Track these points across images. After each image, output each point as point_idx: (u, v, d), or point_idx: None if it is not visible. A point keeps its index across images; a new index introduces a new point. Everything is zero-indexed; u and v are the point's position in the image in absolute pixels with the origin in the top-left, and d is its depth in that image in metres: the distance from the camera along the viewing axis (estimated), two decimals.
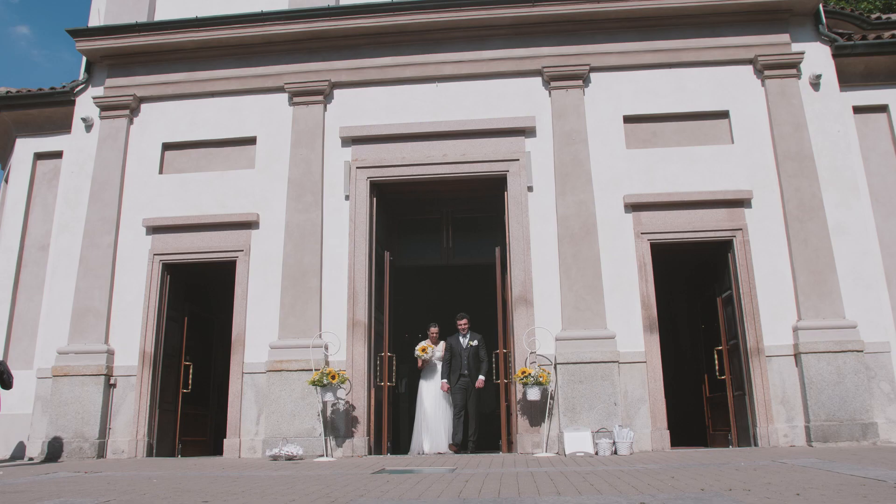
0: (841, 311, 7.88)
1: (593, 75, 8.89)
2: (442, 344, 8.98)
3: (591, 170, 8.55)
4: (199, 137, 9.27)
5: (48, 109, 9.92)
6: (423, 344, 8.95)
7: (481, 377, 8.71)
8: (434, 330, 9.08)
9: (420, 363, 8.98)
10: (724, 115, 8.71)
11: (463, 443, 8.67)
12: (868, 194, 8.75)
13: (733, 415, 8.39)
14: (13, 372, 8.27)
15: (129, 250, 8.91)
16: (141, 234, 8.95)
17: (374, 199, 8.89)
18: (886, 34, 9.08)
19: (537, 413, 7.93)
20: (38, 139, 10.13)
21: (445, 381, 8.70)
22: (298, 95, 9.12)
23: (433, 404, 8.75)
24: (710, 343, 9.05)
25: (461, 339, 8.86)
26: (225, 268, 8.98)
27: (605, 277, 8.20)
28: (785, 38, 8.76)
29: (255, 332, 8.48)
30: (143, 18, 9.63)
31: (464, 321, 8.90)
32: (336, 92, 9.19)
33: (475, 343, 8.82)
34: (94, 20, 9.88)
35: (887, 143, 9.06)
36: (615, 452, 7.36)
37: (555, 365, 7.94)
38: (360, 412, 8.14)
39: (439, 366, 8.86)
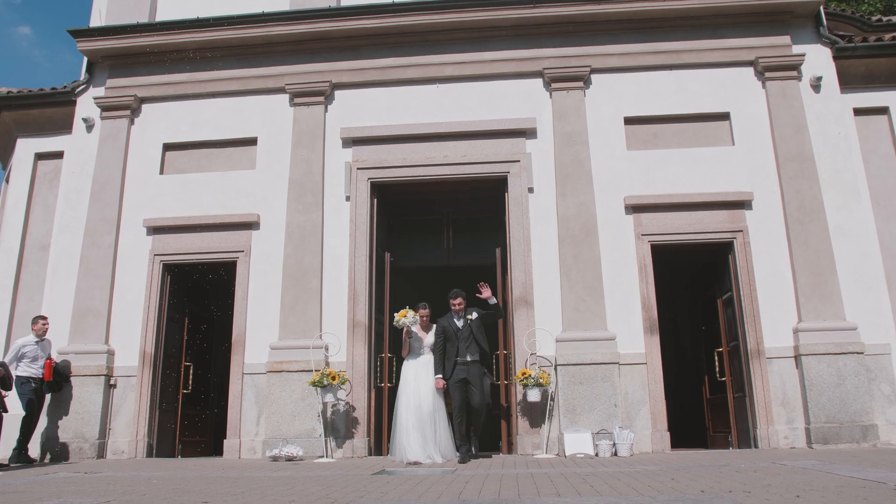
0: (841, 312, 7.88)
1: (594, 76, 8.90)
2: (434, 329, 7.57)
3: (592, 171, 8.55)
4: (199, 138, 9.28)
5: (49, 109, 9.91)
6: (403, 310, 7.59)
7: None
8: (424, 312, 7.64)
9: (405, 345, 7.59)
10: (724, 116, 8.72)
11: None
12: (868, 196, 8.74)
13: (733, 416, 8.39)
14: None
15: (129, 250, 8.91)
16: (141, 235, 8.96)
17: (375, 199, 8.89)
18: (887, 36, 9.08)
19: (537, 414, 7.92)
20: (38, 139, 10.13)
21: (440, 376, 7.22)
22: (299, 96, 9.13)
23: (422, 397, 7.18)
24: (711, 344, 9.05)
25: (456, 321, 7.44)
26: (225, 268, 8.98)
27: (606, 278, 8.20)
28: (786, 39, 8.77)
29: (256, 332, 8.48)
30: (144, 19, 9.64)
31: (458, 300, 7.46)
32: (337, 93, 9.20)
33: (472, 317, 7.43)
34: (96, 20, 9.89)
35: (888, 145, 9.05)
36: (615, 454, 7.36)
37: (555, 366, 7.93)
38: (361, 413, 8.14)
39: (426, 353, 7.49)
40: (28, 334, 8.28)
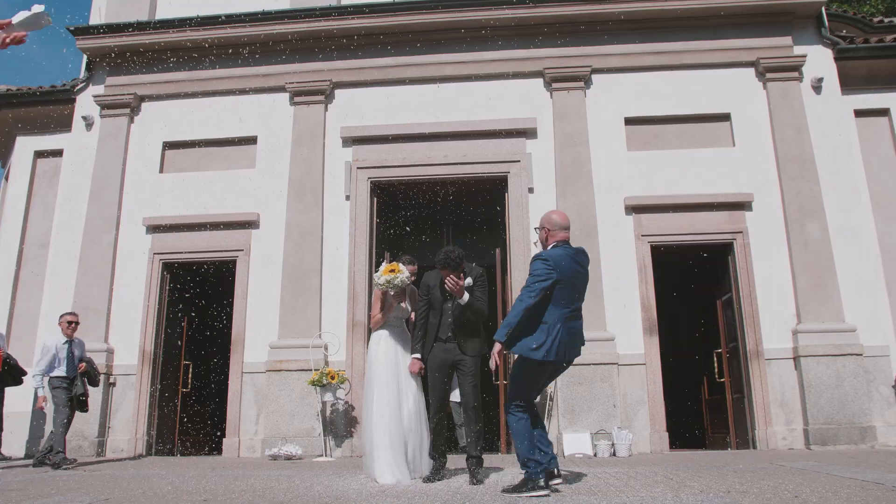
0: (841, 314, 7.88)
1: (595, 77, 8.89)
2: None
3: (592, 171, 8.55)
4: (199, 137, 9.26)
5: (49, 107, 9.91)
6: (394, 264, 5.20)
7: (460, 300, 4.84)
8: (413, 268, 5.32)
9: (385, 312, 5.19)
10: (725, 117, 8.72)
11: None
12: (869, 198, 8.73)
13: (732, 417, 8.39)
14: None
15: (129, 249, 8.90)
16: (141, 233, 8.95)
17: (375, 199, 8.89)
18: (889, 38, 9.08)
19: None
20: (38, 137, 10.12)
21: (418, 356, 4.99)
22: (299, 95, 9.12)
23: (410, 393, 5.03)
24: (710, 346, 9.05)
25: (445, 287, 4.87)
26: (225, 267, 8.97)
27: (606, 279, 8.19)
28: (787, 40, 8.77)
29: (255, 331, 8.48)
30: (143, 17, 9.63)
31: (449, 272, 4.76)
32: (337, 92, 9.19)
33: (468, 283, 4.87)
34: (95, 19, 9.88)
35: (888, 147, 9.05)
36: (614, 454, 7.37)
37: None
38: (360, 412, 8.13)
39: (406, 327, 5.33)
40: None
